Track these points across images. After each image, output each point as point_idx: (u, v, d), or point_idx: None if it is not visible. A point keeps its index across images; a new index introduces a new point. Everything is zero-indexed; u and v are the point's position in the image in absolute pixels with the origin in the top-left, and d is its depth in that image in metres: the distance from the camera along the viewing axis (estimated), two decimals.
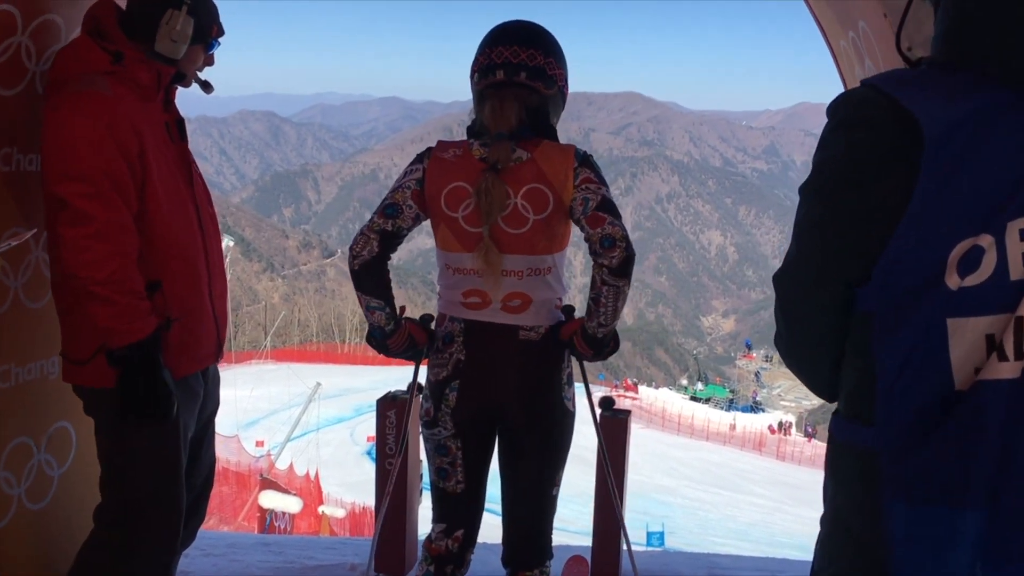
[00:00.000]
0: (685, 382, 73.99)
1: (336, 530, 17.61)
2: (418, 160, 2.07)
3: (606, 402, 3.10)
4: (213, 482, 2.50)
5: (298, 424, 25.74)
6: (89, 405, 2.13)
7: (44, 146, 1.94)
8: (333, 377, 31.78)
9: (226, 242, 32.38)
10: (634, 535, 3.08)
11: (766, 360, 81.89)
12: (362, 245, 2.01)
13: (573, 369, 2.20)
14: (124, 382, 1.95)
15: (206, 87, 2.31)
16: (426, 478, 2.46)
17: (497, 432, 2.17)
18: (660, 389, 59.44)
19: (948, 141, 0.94)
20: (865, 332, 1.05)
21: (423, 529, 2.58)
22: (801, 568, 3.49)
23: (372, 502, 3.65)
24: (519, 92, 2.01)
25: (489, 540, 2.87)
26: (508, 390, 2.05)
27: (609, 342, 2.07)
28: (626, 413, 3.11)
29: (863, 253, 1.02)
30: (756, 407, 54.55)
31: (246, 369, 34.91)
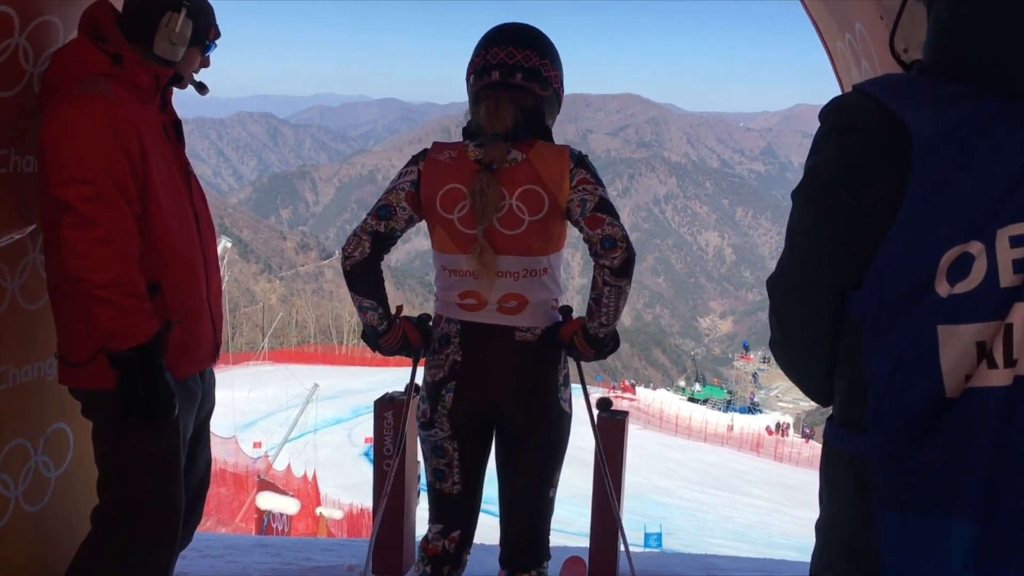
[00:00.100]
0: (683, 383, 74.01)
1: (334, 531, 17.59)
2: (413, 162, 2.07)
3: (604, 403, 3.09)
4: (209, 482, 2.50)
5: (296, 425, 25.68)
6: (87, 407, 2.13)
7: (45, 149, 1.93)
8: (331, 378, 31.75)
9: (224, 243, 32.39)
10: (631, 536, 3.08)
11: (763, 361, 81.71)
12: (354, 246, 2.01)
13: (570, 370, 2.20)
14: (124, 383, 1.95)
15: (201, 89, 2.31)
16: (423, 479, 2.46)
17: (494, 433, 2.17)
18: (658, 390, 59.53)
19: (937, 149, 0.95)
20: (856, 337, 1.05)
21: (421, 530, 2.58)
22: (798, 569, 3.49)
23: (370, 503, 3.65)
24: (515, 93, 2.01)
25: (486, 541, 2.87)
26: (504, 391, 2.05)
27: (609, 341, 2.07)
28: (623, 414, 3.11)
29: (856, 257, 1.03)
30: (754, 408, 54.62)
31: (244, 370, 34.81)
